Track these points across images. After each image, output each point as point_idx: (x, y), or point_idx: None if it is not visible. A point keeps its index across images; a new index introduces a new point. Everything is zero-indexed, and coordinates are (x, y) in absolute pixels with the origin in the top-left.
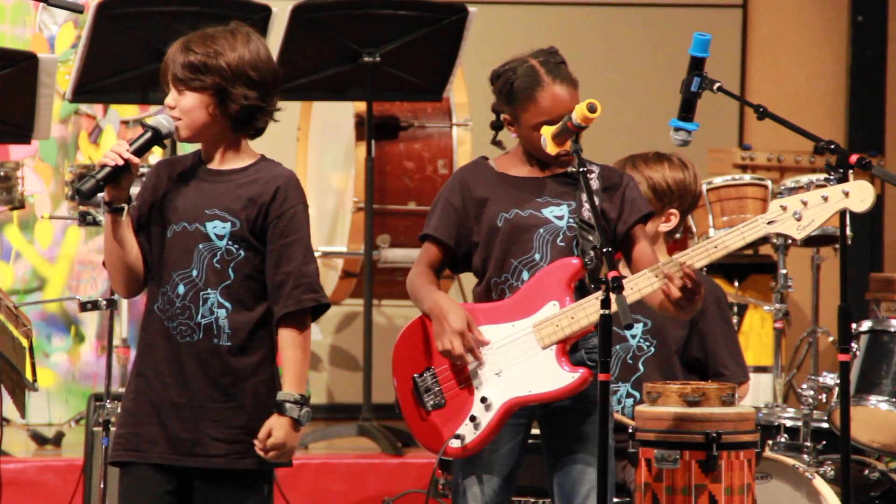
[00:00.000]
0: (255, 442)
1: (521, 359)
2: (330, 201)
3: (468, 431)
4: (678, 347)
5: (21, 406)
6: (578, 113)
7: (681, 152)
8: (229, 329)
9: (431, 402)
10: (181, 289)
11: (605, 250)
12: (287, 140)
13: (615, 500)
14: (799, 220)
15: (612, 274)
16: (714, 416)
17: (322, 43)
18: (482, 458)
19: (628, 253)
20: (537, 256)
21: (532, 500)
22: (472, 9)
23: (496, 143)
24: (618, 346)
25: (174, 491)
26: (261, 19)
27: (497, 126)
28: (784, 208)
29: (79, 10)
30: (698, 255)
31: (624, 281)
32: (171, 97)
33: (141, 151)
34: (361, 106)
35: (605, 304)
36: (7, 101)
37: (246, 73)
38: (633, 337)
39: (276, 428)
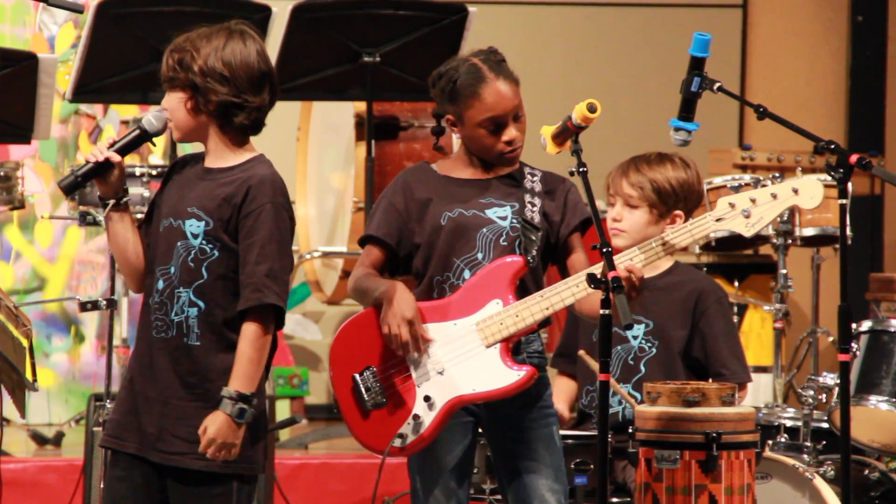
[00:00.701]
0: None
1: (464, 357)
2: (330, 201)
3: (410, 430)
4: (680, 348)
5: (21, 406)
6: (578, 113)
7: (681, 152)
8: (198, 329)
9: (372, 401)
10: (161, 284)
11: (604, 250)
12: (287, 140)
13: (615, 500)
14: (748, 217)
15: (611, 274)
16: (714, 416)
17: (322, 43)
18: (438, 460)
19: (565, 259)
20: (480, 255)
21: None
22: (472, 9)
23: (437, 148)
24: (619, 347)
25: (151, 483)
26: (261, 19)
27: (438, 131)
28: (732, 205)
29: (79, 10)
30: (647, 254)
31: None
32: (164, 98)
33: (126, 149)
34: (361, 106)
35: (605, 303)
36: (7, 101)
37: (216, 69)
38: (635, 338)
39: (209, 424)
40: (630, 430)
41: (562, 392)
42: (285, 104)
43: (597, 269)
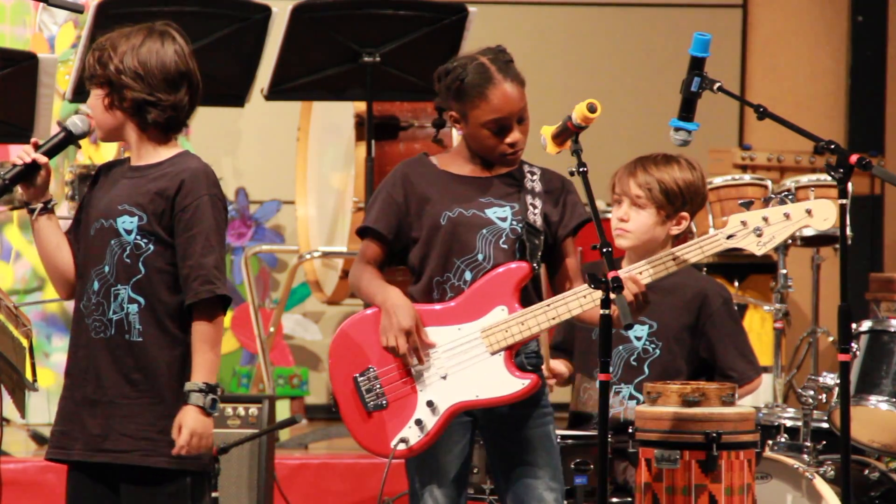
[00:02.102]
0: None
1: (468, 363)
2: (330, 201)
3: (413, 434)
4: (684, 350)
5: (21, 406)
6: (578, 113)
7: (682, 152)
8: (140, 324)
9: (373, 403)
10: (95, 285)
11: (605, 250)
12: (287, 140)
13: (615, 500)
14: (759, 236)
15: (612, 274)
16: (714, 416)
17: (322, 43)
18: (436, 461)
19: (557, 262)
20: (480, 256)
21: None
22: (472, 9)
23: (437, 140)
24: (620, 347)
25: (103, 489)
26: (261, 19)
27: (439, 124)
28: (744, 223)
29: (79, 10)
30: (657, 269)
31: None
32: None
33: (52, 151)
34: (361, 106)
35: (605, 304)
36: (7, 101)
37: (130, 67)
38: (638, 339)
39: (183, 419)
40: (630, 430)
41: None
42: (285, 104)
43: (624, 271)
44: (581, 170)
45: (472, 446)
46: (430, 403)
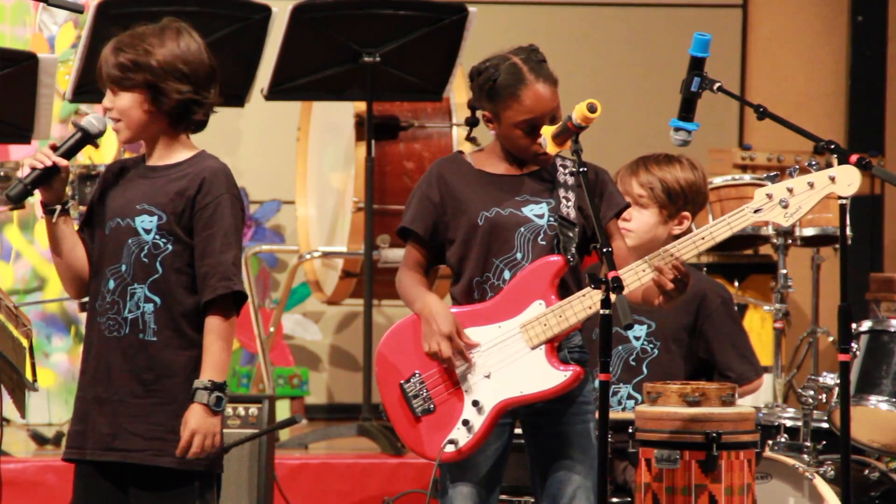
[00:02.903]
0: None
1: (510, 360)
2: (330, 201)
3: (461, 435)
4: (683, 350)
5: (21, 406)
6: (578, 113)
7: (682, 152)
8: (155, 324)
9: (421, 408)
10: (111, 284)
11: (605, 250)
12: (287, 140)
13: (615, 500)
14: (786, 207)
15: (612, 274)
16: (714, 416)
17: (322, 43)
18: (470, 460)
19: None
20: (519, 255)
21: (515, 499)
22: (472, 9)
23: (471, 139)
24: (619, 347)
25: (113, 490)
26: (261, 19)
27: (472, 122)
28: (770, 196)
29: (79, 10)
30: (686, 247)
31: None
32: (107, 99)
33: (70, 153)
34: (361, 106)
35: (606, 303)
36: (7, 101)
37: (176, 67)
38: (637, 339)
39: (189, 417)
40: (630, 430)
41: None
42: (285, 104)
43: (637, 266)
44: (581, 170)
45: (508, 449)
46: (475, 403)
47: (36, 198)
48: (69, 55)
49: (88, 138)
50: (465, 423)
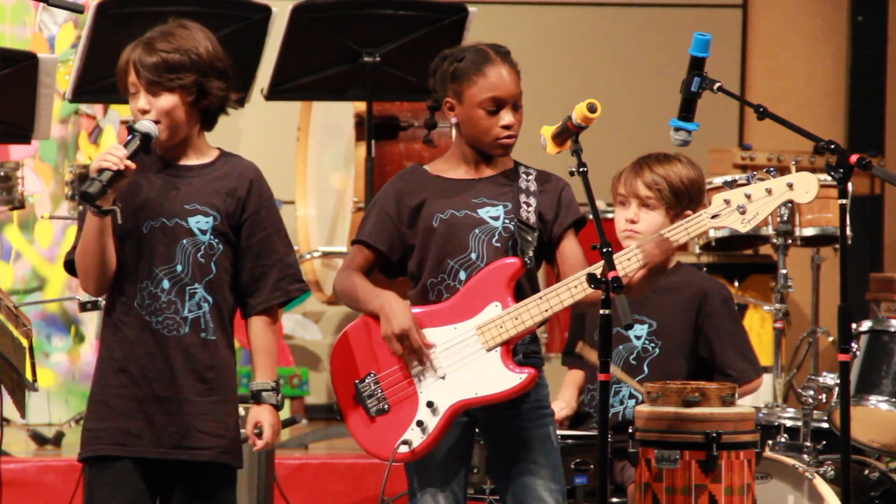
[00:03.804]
0: (245, 434)
1: (465, 361)
2: (330, 201)
3: (415, 436)
4: (684, 349)
5: (21, 406)
6: (578, 113)
7: (681, 152)
8: (213, 324)
9: (375, 408)
10: (166, 284)
11: (604, 250)
12: (287, 140)
13: (615, 500)
14: (743, 213)
15: (611, 274)
16: (714, 416)
17: (322, 43)
18: (435, 462)
19: (556, 255)
20: (474, 256)
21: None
22: (472, 9)
23: (428, 141)
24: (620, 347)
25: (151, 487)
26: (261, 19)
27: (431, 125)
28: (727, 202)
29: (79, 10)
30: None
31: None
32: (145, 101)
33: (134, 156)
34: (361, 106)
35: (605, 303)
36: (7, 101)
37: (215, 65)
38: (638, 338)
39: (264, 419)
40: (630, 430)
41: (572, 381)
42: (285, 104)
43: (595, 269)
44: (581, 170)
45: (472, 447)
46: (430, 404)
47: (36, 198)
48: (69, 55)
49: (147, 141)
50: (420, 423)
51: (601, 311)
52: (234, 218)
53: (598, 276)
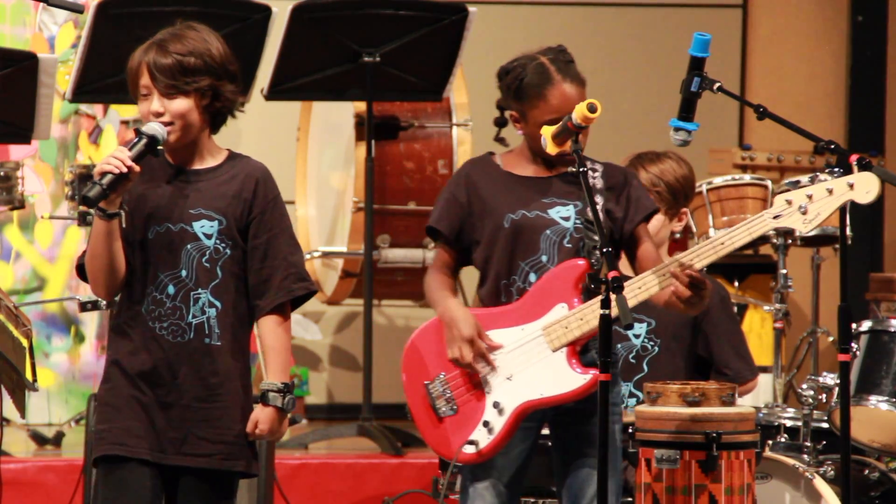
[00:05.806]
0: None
1: (531, 362)
2: (330, 201)
3: (482, 437)
4: (683, 347)
5: (21, 406)
6: (578, 113)
7: (680, 152)
8: (218, 329)
9: (444, 409)
10: (171, 289)
11: (604, 250)
12: (287, 140)
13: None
14: (804, 213)
15: (611, 274)
16: (714, 416)
17: (322, 43)
18: (492, 461)
19: (633, 252)
20: (544, 258)
21: (534, 500)
22: (472, 9)
23: (499, 139)
24: (619, 345)
25: (156, 487)
26: (261, 19)
27: (501, 123)
28: (789, 202)
29: (79, 10)
30: (705, 253)
31: (631, 280)
32: (159, 104)
33: (139, 159)
34: (361, 106)
35: (605, 304)
36: (7, 101)
37: (227, 67)
38: (637, 337)
39: (261, 419)
40: (630, 430)
41: None
42: (285, 104)
43: (660, 267)
44: (581, 170)
45: (533, 453)
46: (496, 405)
47: (36, 198)
48: (69, 55)
49: (155, 144)
50: (486, 424)
51: (601, 311)
52: (242, 220)
53: (599, 276)
